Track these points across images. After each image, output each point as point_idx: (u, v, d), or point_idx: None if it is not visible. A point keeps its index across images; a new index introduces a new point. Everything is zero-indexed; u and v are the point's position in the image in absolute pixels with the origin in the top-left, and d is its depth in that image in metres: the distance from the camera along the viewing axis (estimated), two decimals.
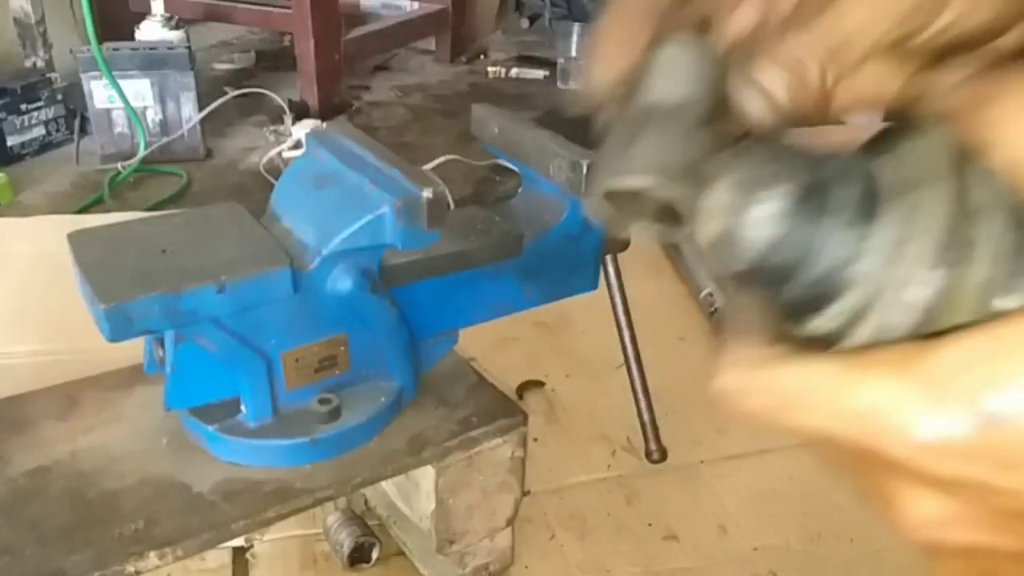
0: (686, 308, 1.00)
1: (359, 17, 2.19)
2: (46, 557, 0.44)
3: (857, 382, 0.19)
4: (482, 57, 2.39)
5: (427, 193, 0.42)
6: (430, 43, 2.34)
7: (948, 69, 0.23)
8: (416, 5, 2.31)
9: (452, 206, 0.46)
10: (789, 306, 0.21)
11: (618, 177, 0.21)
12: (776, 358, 0.21)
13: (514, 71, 2.26)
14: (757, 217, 0.20)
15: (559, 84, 2.17)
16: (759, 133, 0.22)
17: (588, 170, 0.44)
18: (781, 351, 0.21)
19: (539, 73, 2.24)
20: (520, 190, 0.57)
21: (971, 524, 0.20)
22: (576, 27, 2.18)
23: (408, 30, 2.24)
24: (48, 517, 0.47)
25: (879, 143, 0.20)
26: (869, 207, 0.19)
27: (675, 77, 0.22)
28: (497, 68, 2.27)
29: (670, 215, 0.21)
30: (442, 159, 1.42)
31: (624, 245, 0.61)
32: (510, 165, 0.55)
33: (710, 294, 0.99)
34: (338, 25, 1.84)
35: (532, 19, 2.83)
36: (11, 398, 0.55)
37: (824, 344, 0.21)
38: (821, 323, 0.20)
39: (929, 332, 0.19)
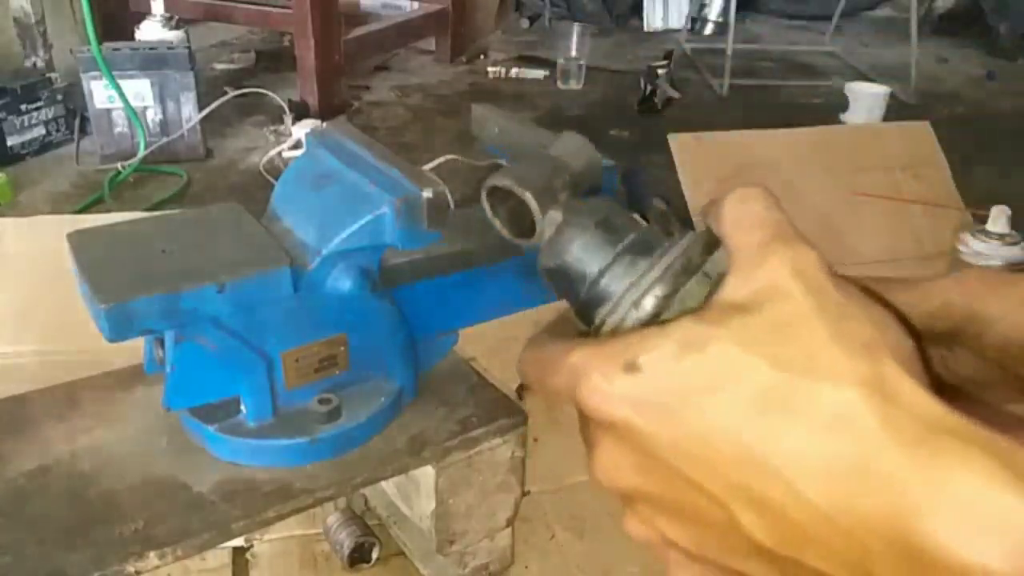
0: None
1: (359, 17, 2.19)
2: (46, 557, 0.44)
3: (572, 350, 0.28)
4: (482, 57, 2.39)
5: (427, 193, 0.42)
6: (430, 43, 2.34)
7: None
8: (416, 5, 2.31)
9: (453, 206, 0.46)
10: (582, 305, 0.32)
11: (496, 179, 0.35)
12: (545, 340, 0.30)
13: (514, 71, 2.26)
14: (574, 230, 0.33)
15: (559, 84, 2.17)
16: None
17: None
18: (550, 336, 0.30)
19: (539, 73, 2.24)
20: None
21: (627, 468, 0.28)
22: (576, 27, 2.18)
23: (408, 30, 2.24)
24: (48, 517, 0.47)
25: (687, 234, 0.32)
26: (640, 254, 0.31)
27: (563, 147, 0.38)
28: (497, 68, 2.27)
29: (528, 230, 0.35)
30: (442, 159, 1.42)
31: None
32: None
33: None
34: (338, 25, 1.84)
35: (532, 19, 2.83)
36: (11, 398, 0.55)
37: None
38: (596, 319, 0.31)
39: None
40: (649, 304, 0.29)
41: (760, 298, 0.26)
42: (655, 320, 0.29)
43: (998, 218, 1.04)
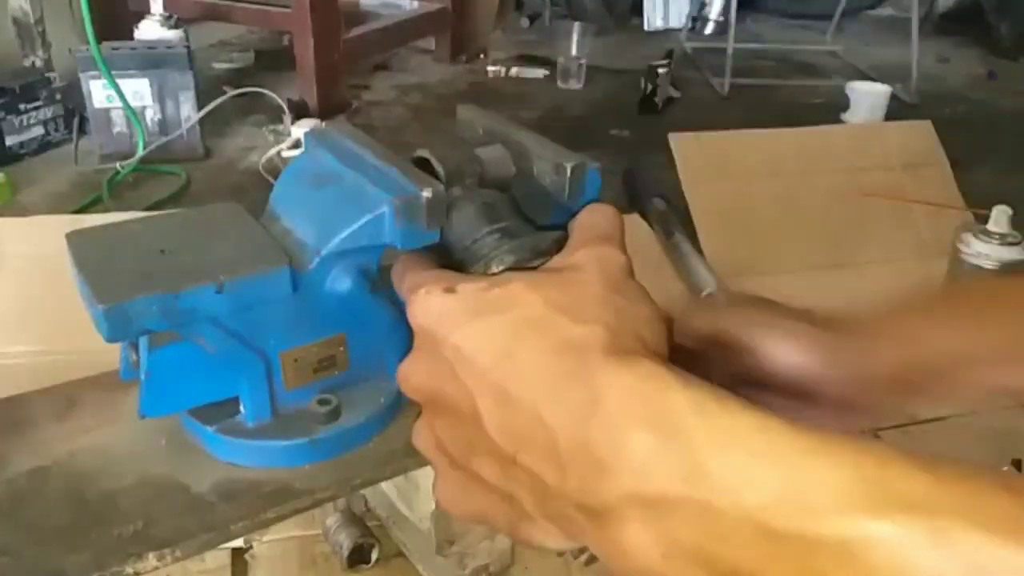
0: None
1: (359, 16, 2.19)
2: (45, 558, 0.44)
3: (419, 270, 0.37)
4: (482, 56, 2.38)
5: (426, 192, 0.42)
6: (430, 42, 2.34)
7: None
8: (416, 4, 2.31)
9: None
10: (455, 264, 0.39)
11: (421, 151, 0.45)
12: (412, 258, 0.40)
13: (514, 70, 2.26)
14: (465, 203, 0.42)
15: (559, 83, 2.17)
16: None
17: (572, 172, 0.44)
18: (418, 258, 0.40)
19: (539, 72, 2.24)
20: None
21: (422, 371, 0.34)
22: (576, 26, 2.18)
23: (408, 29, 2.23)
24: (47, 518, 0.46)
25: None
26: (508, 235, 0.39)
27: (485, 152, 0.45)
28: (497, 67, 2.26)
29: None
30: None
31: None
32: None
33: (710, 295, 0.99)
34: (338, 24, 1.84)
35: (532, 18, 2.83)
36: (10, 398, 0.55)
37: None
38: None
39: None
40: (495, 267, 0.37)
41: (562, 267, 0.34)
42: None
43: (999, 218, 1.04)
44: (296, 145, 1.54)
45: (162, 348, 0.46)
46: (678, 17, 2.78)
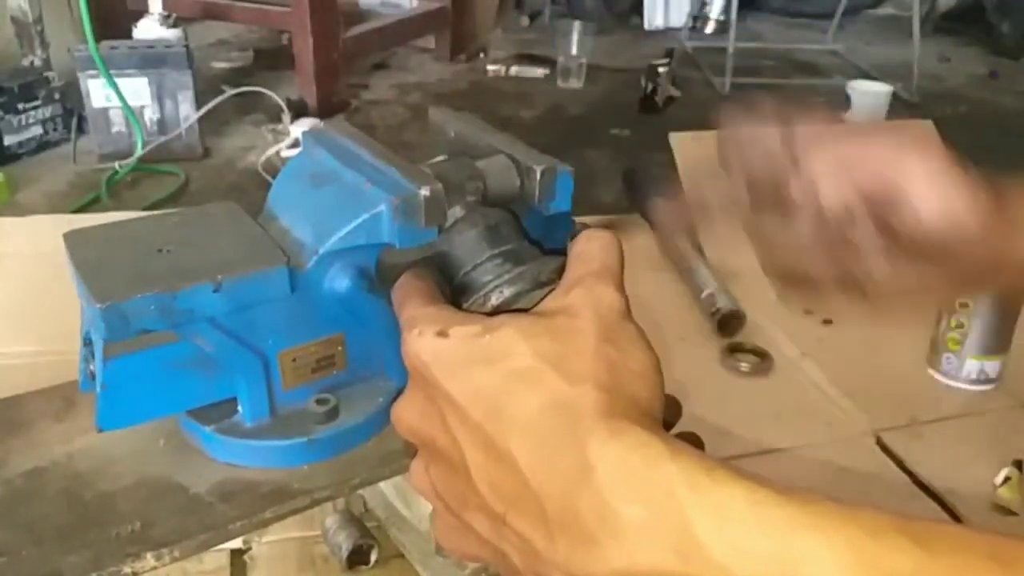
0: (686, 308, 0.99)
1: (358, 15, 2.18)
2: (43, 558, 0.44)
3: (416, 304, 0.36)
4: (482, 55, 2.38)
5: (424, 191, 0.42)
6: (430, 41, 2.33)
7: None
8: (416, 3, 2.31)
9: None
10: (454, 289, 0.39)
11: (422, 167, 0.44)
12: (412, 282, 0.38)
13: (514, 69, 2.26)
14: (466, 225, 0.41)
15: (559, 82, 2.17)
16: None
17: (542, 176, 0.44)
18: (418, 277, 0.39)
19: (539, 71, 2.24)
20: None
21: (415, 412, 0.34)
22: (576, 25, 2.18)
23: (407, 28, 2.23)
24: (45, 518, 0.46)
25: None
26: (510, 261, 0.38)
27: (488, 164, 0.45)
28: (497, 66, 2.26)
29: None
30: (441, 158, 1.41)
31: None
32: None
33: (711, 295, 0.99)
34: (337, 23, 1.84)
35: (532, 17, 2.82)
36: (8, 399, 0.55)
37: None
38: (462, 303, 0.37)
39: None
40: (494, 299, 0.36)
41: (556, 311, 0.33)
42: (495, 313, 0.35)
43: None
44: (295, 144, 1.53)
45: (118, 359, 0.45)
46: (679, 16, 2.78)
